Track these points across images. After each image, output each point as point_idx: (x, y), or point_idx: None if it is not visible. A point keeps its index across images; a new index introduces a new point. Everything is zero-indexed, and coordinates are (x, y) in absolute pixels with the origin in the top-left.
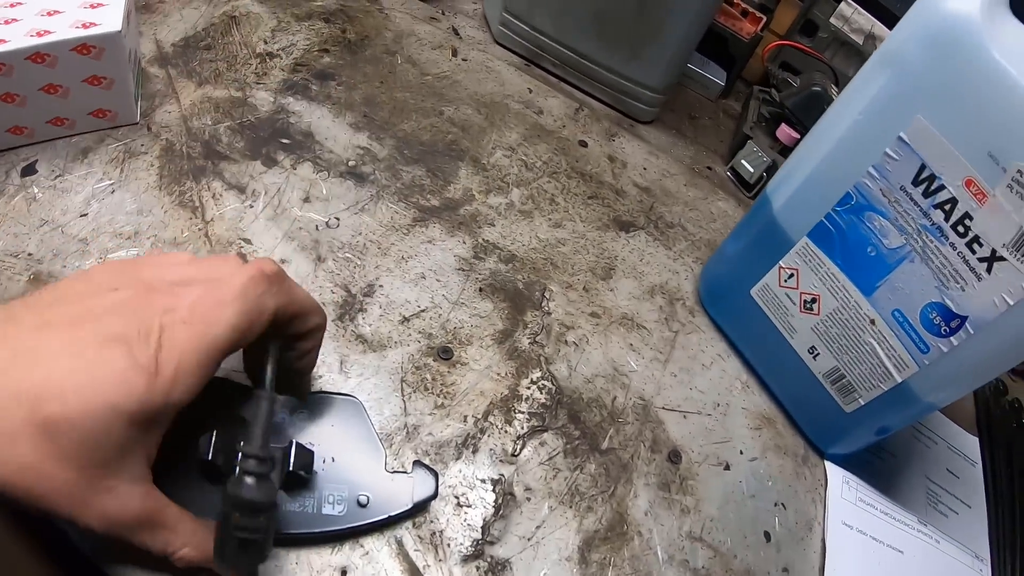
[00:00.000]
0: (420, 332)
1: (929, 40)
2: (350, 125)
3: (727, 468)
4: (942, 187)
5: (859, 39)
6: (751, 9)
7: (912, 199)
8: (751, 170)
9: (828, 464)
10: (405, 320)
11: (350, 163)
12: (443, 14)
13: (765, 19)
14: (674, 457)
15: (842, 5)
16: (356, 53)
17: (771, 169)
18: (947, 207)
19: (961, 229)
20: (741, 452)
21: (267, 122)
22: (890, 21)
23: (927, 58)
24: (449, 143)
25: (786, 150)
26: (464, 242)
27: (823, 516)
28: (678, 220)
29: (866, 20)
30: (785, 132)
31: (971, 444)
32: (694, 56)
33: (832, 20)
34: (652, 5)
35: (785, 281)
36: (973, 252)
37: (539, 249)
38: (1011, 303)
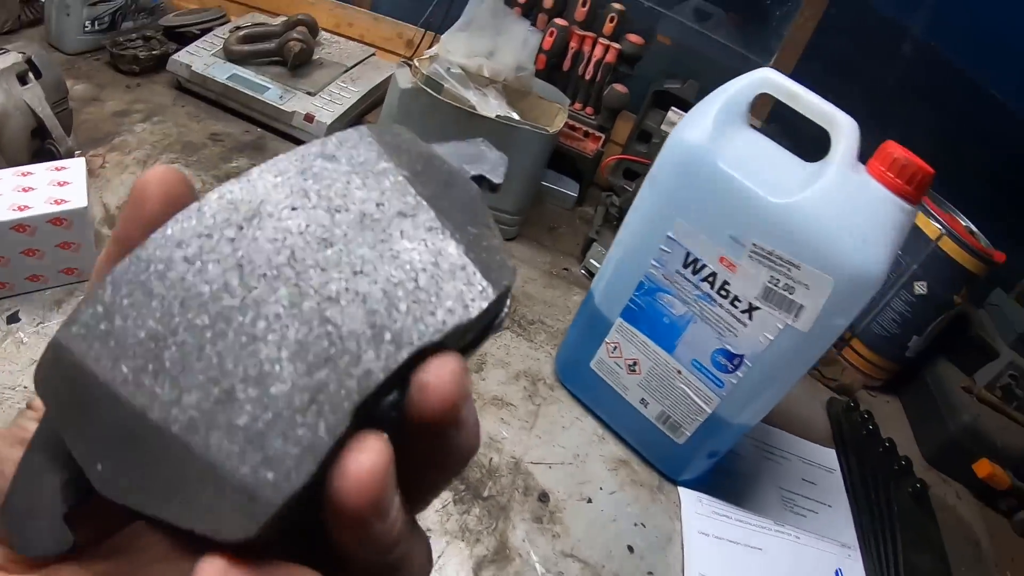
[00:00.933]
0: None
1: (676, 163)
2: None
3: (590, 501)
4: (704, 266)
5: None
6: (591, 131)
7: (686, 278)
8: (598, 266)
9: (681, 489)
10: None
11: None
12: None
13: (604, 137)
14: (543, 497)
15: (669, 113)
16: None
17: None
18: (711, 279)
19: (724, 293)
20: (601, 488)
21: None
22: None
23: (676, 176)
24: None
25: None
26: None
27: (681, 529)
28: (538, 317)
29: None
30: None
31: (829, 456)
32: (549, 174)
33: (662, 127)
34: None
35: (612, 353)
36: (736, 307)
37: None
38: (772, 338)
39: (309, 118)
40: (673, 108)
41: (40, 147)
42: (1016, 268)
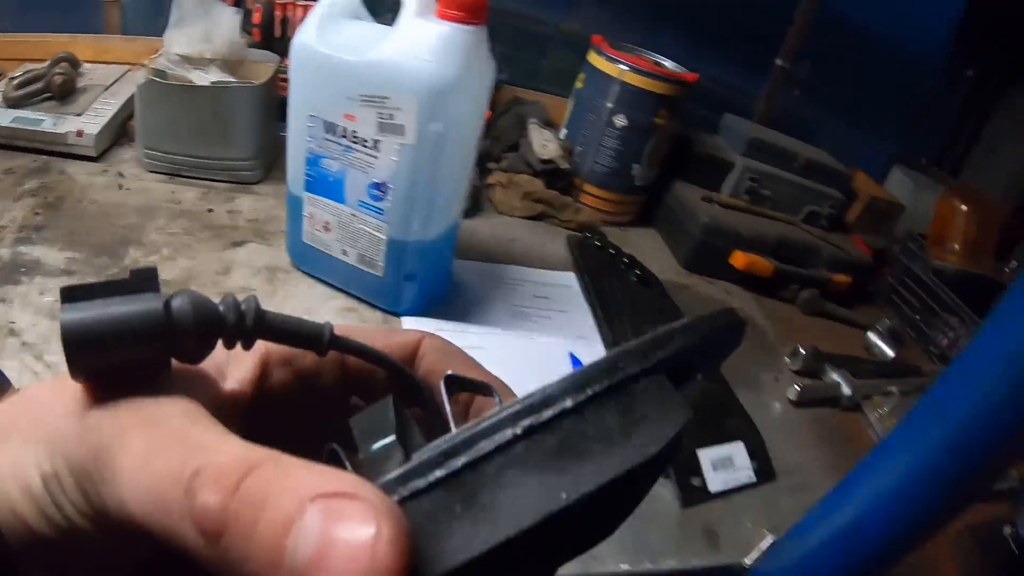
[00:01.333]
0: None
1: (301, 62)
2: (59, 251)
3: None
4: (337, 126)
5: None
6: None
7: (330, 140)
8: None
9: (404, 318)
10: None
11: (62, 269)
12: (110, 166)
13: None
14: None
15: None
16: (58, 209)
17: None
18: (344, 133)
19: (355, 139)
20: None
21: (10, 264)
22: None
23: (300, 70)
24: (121, 239)
25: None
26: None
27: None
28: (279, 228)
29: None
30: None
31: (567, 277)
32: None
33: None
34: (221, 118)
35: (311, 223)
36: (367, 146)
37: (181, 272)
38: (397, 159)
39: (80, 134)
40: None
41: None
42: (748, 93)
